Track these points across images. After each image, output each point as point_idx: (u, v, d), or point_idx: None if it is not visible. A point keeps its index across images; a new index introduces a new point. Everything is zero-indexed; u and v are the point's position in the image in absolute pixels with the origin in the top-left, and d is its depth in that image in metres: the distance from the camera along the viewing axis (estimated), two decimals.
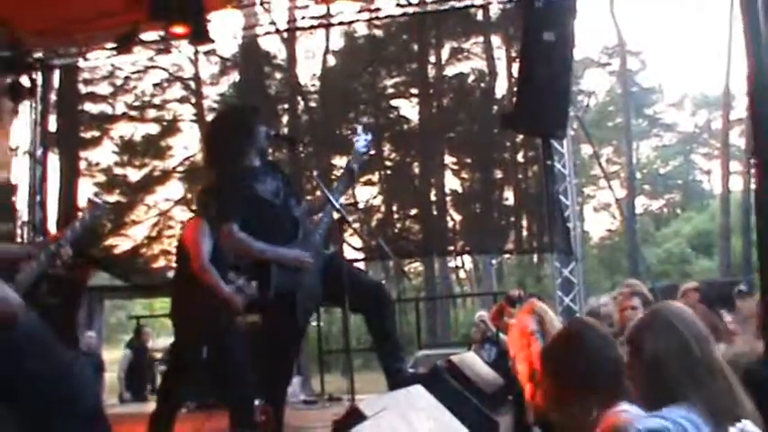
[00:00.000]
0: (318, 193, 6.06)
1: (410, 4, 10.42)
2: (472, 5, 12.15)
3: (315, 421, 7.18)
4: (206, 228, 6.41)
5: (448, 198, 20.78)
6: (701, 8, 67.13)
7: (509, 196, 18.76)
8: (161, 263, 23.71)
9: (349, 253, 19.23)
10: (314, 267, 5.49)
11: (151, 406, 7.48)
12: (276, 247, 5.43)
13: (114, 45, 10.70)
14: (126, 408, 11.86)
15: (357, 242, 19.33)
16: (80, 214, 4.03)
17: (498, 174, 19.03)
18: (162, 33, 10.53)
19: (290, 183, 5.91)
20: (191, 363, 6.83)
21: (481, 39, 21.37)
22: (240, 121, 5.81)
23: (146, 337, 15.33)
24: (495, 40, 20.84)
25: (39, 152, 11.84)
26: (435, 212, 20.51)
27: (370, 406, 3.78)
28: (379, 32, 21.52)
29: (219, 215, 5.64)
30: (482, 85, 21.00)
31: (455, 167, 21.52)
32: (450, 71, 22.11)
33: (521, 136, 15.93)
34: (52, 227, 12.83)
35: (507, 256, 23.41)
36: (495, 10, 18.37)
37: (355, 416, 3.67)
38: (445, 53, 21.99)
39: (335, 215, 5.65)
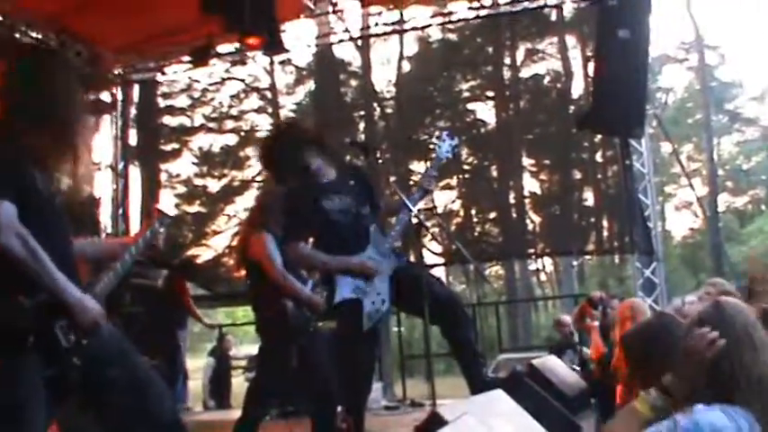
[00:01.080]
0: (396, 197, 6.04)
1: (483, 7, 10.38)
2: (545, 5, 12.07)
3: (396, 427, 7.18)
4: (271, 239, 6.47)
5: (527, 200, 20.60)
6: None
7: (589, 197, 18.55)
8: (243, 271, 23.92)
9: (429, 258, 19.25)
10: (383, 274, 5.49)
11: (234, 413, 7.55)
12: (342, 257, 5.45)
13: (190, 59, 10.83)
14: (210, 415, 11.99)
15: (437, 247, 19.33)
16: (150, 223, 4.08)
17: (577, 174, 18.83)
18: (237, 45, 10.63)
19: (369, 189, 5.92)
20: (276, 370, 6.89)
21: (556, 39, 21.15)
22: (283, 150, 5.83)
23: (228, 345, 15.48)
24: (570, 39, 20.63)
25: (120, 166, 12.07)
26: (514, 215, 20.36)
27: (451, 411, 3.76)
28: (452, 36, 21.48)
29: (287, 235, 5.72)
30: (558, 85, 20.80)
31: (533, 169, 21.34)
32: (525, 72, 21.94)
33: (599, 135, 15.73)
34: None
35: (588, 257, 23.13)
36: (568, 9, 18.19)
37: (436, 421, 3.66)
38: (520, 55, 21.83)
39: (414, 220, 5.64)
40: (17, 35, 9.83)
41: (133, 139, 15.39)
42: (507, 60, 21.68)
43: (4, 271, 3.27)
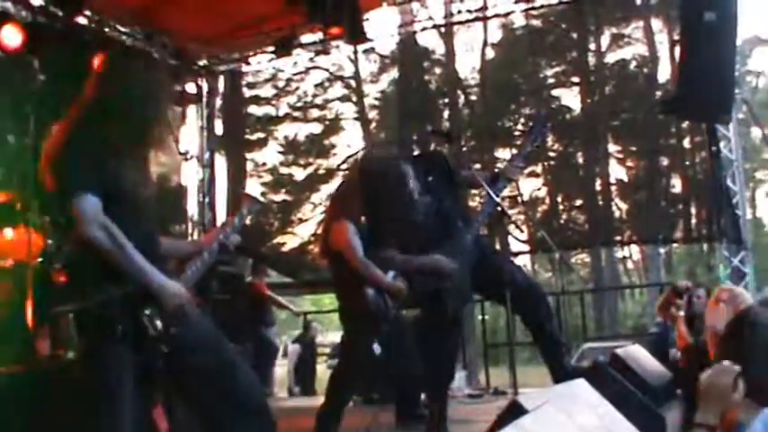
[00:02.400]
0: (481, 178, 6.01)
1: None
2: None
3: (479, 415, 7.16)
4: (352, 227, 6.49)
5: (613, 187, 20.37)
6: None
7: (676, 183, 18.23)
8: (326, 260, 24.06)
9: (514, 246, 19.16)
10: (464, 264, 5.50)
11: (318, 400, 7.62)
12: (417, 258, 5.50)
13: (274, 49, 10.93)
14: (294, 401, 12.12)
15: (522, 235, 19.24)
16: (239, 210, 4.13)
17: (664, 161, 18.50)
18: (321, 35, 10.69)
19: (448, 174, 5.92)
20: (358, 358, 6.93)
21: (641, 23, 20.85)
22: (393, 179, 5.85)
23: (314, 332, 15.61)
24: (656, 23, 20.33)
25: (206, 155, 12.22)
26: (601, 202, 20.15)
27: (531, 400, 3.75)
28: (537, 22, 21.28)
29: (371, 241, 5.76)
30: (644, 70, 20.47)
31: (620, 156, 21.06)
32: (611, 58, 21.69)
33: (687, 121, 15.45)
34: None
35: (676, 245, 22.76)
36: None
37: (516, 410, 3.65)
38: (605, 40, 21.59)
39: (498, 209, 5.63)
40: (106, 30, 10.03)
41: (219, 129, 15.58)
42: (592, 46, 21.45)
43: (93, 262, 3.36)
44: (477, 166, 18.86)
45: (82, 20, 9.64)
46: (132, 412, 3.48)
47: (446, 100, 22.46)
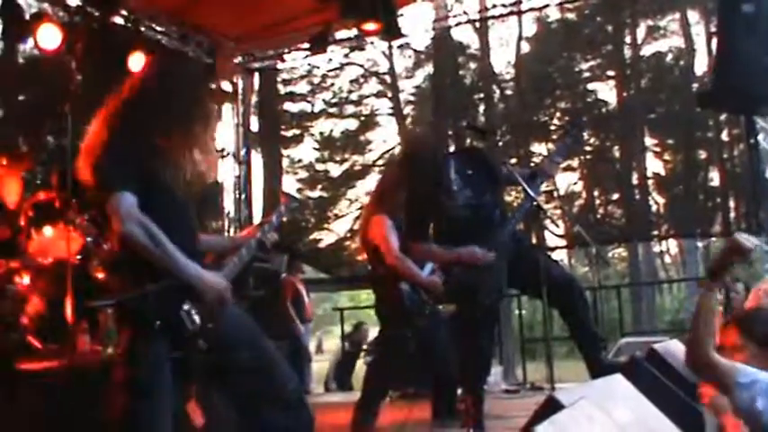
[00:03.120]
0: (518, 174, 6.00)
1: None
2: None
3: (516, 410, 7.15)
4: (389, 222, 6.47)
5: (650, 181, 20.24)
6: None
7: (714, 177, 18.08)
8: (364, 255, 24.13)
9: (550, 240, 19.11)
10: (500, 259, 5.50)
11: (355, 395, 7.63)
12: (454, 249, 5.48)
13: (309, 46, 10.96)
14: (330, 397, 12.16)
15: (559, 229, 19.17)
16: (278, 207, 4.16)
17: (702, 154, 18.38)
18: (355, 31, 10.70)
19: (488, 169, 5.92)
20: (394, 354, 6.93)
21: (678, 15, 20.71)
22: (424, 156, 5.83)
23: (364, 334, 15.63)
24: (693, 15, 20.18)
25: (242, 152, 12.28)
26: (638, 196, 20.03)
27: (568, 395, 3.74)
28: (571, 16, 21.21)
29: (407, 235, 5.75)
30: (681, 62, 20.34)
31: (656, 149, 20.95)
32: (647, 50, 21.55)
33: (724, 113, 15.31)
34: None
35: (714, 239, 22.59)
36: None
37: (552, 405, 3.64)
38: (641, 32, 21.43)
39: (534, 204, 5.61)
40: (142, 29, 10.11)
41: (255, 126, 15.65)
42: (628, 39, 21.31)
43: (130, 258, 3.40)
44: (513, 160, 18.82)
45: (118, 19, 9.71)
46: (170, 407, 3.52)
47: (481, 95, 22.45)
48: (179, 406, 3.58)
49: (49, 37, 8.92)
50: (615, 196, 20.83)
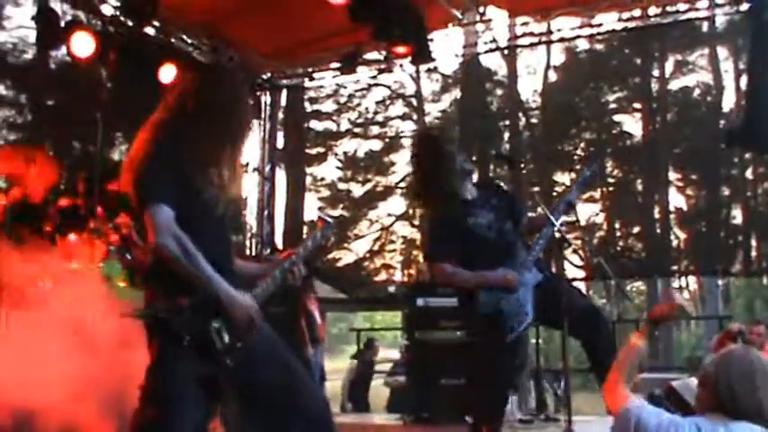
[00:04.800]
0: (540, 210, 5.96)
1: (632, 18, 10.17)
2: (696, 18, 11.73)
3: None
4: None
5: (672, 216, 20.19)
6: None
7: (737, 214, 18.04)
8: (382, 276, 24.20)
9: (570, 272, 19.02)
10: (525, 286, 5.45)
11: (372, 418, 7.61)
12: (482, 272, 5.42)
13: (338, 65, 10.99)
14: (346, 418, 12.13)
15: (578, 260, 19.09)
16: (313, 232, 4.16)
17: (725, 191, 18.32)
18: (384, 52, 10.72)
19: (511, 204, 5.89)
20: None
21: (707, 51, 20.69)
22: (436, 152, 5.78)
23: (375, 351, 15.59)
24: (722, 51, 20.18)
25: (267, 168, 12.29)
26: (659, 230, 19.99)
27: (586, 429, 3.73)
28: (600, 47, 21.22)
29: (429, 253, 5.70)
30: (708, 98, 20.33)
31: (680, 184, 20.89)
32: (674, 85, 21.52)
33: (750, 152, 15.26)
34: (279, 240, 13.32)
35: (734, 277, 22.51)
36: (721, 21, 17.78)
37: None
38: (669, 66, 21.42)
39: (556, 234, 5.57)
40: (173, 40, 10.16)
41: (280, 142, 15.69)
42: (656, 72, 21.29)
43: (165, 272, 3.40)
44: (536, 189, 18.82)
45: (150, 30, 9.77)
46: (194, 423, 3.51)
47: (507, 122, 22.46)
48: (203, 423, 3.57)
49: (82, 45, 8.96)
50: (636, 229, 20.78)
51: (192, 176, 3.49)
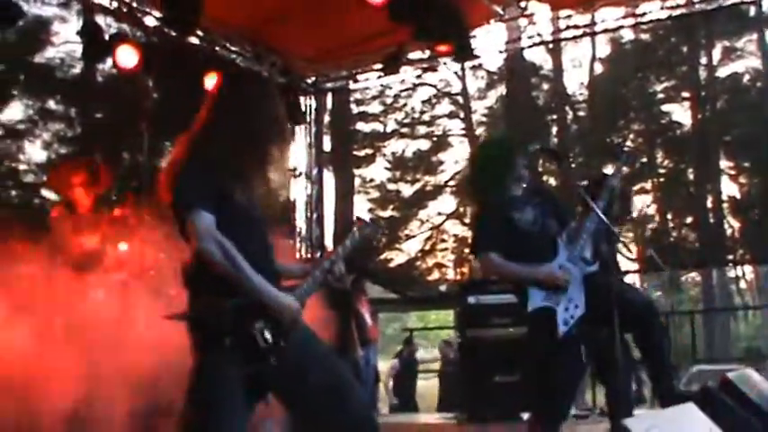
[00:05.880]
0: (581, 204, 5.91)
1: (677, 6, 10.04)
2: (743, 2, 11.55)
3: None
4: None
5: (725, 205, 19.95)
6: None
7: None
8: (434, 276, 24.20)
9: (623, 264, 18.86)
10: (573, 281, 5.41)
11: (419, 417, 7.59)
12: (530, 266, 5.39)
13: (382, 66, 10.99)
14: (394, 417, 12.13)
15: (630, 253, 18.93)
16: (351, 232, 4.17)
17: None
18: (428, 51, 10.71)
19: (555, 204, 5.86)
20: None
21: (755, 36, 20.42)
22: (501, 154, 5.79)
23: (414, 347, 15.62)
24: None
25: (314, 172, 12.33)
26: (712, 220, 19.77)
27: (638, 423, 3.69)
28: (645, 36, 21.03)
29: (476, 245, 5.68)
30: (758, 84, 20.05)
31: (732, 172, 20.63)
32: (722, 72, 21.25)
33: None
34: (329, 242, 13.36)
35: None
36: None
37: None
38: (717, 53, 21.15)
39: (604, 227, 5.53)
40: (217, 49, 10.24)
41: (327, 145, 15.75)
42: (703, 60, 21.05)
43: (207, 275, 3.44)
44: (585, 183, 18.67)
45: (194, 39, 9.85)
46: (236, 426, 3.54)
47: (554, 116, 22.35)
48: (244, 425, 3.59)
49: (127, 57, 9.07)
50: (689, 220, 20.55)
51: (228, 181, 3.53)
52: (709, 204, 19.61)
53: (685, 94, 21.13)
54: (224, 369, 3.40)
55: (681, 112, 21.33)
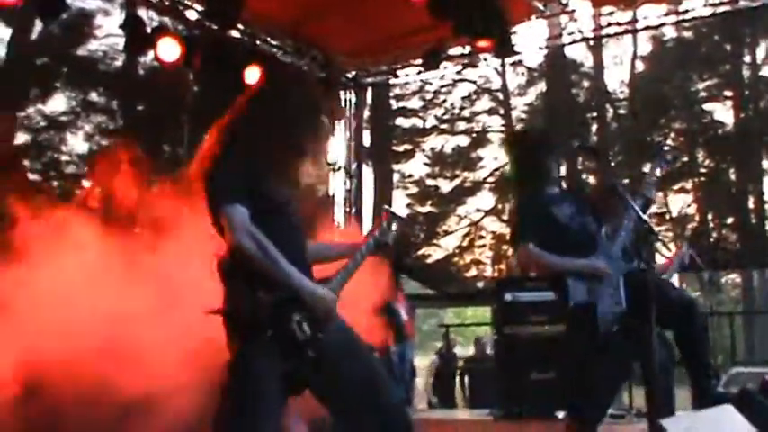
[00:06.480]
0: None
1: (720, 3, 9.94)
2: None
3: None
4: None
5: (767, 206, 19.75)
6: None
7: None
8: (472, 272, 24.17)
9: (659, 259, 18.65)
10: (614, 278, 5.37)
11: (458, 413, 7.59)
12: (570, 259, 5.36)
13: (422, 61, 10.98)
14: (432, 413, 12.13)
15: (670, 253, 18.73)
16: (378, 224, 4.17)
17: None
18: (468, 47, 10.68)
19: (590, 203, 5.84)
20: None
21: None
22: (537, 153, 5.76)
23: (452, 343, 15.62)
24: None
25: (353, 166, 12.35)
26: (754, 220, 19.57)
27: (675, 424, 3.67)
28: (688, 34, 20.85)
29: (517, 234, 5.66)
30: None
31: None
32: (766, 71, 21.03)
33: None
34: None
35: None
36: None
37: None
38: (761, 52, 20.93)
39: (642, 226, 5.49)
40: (257, 43, 10.27)
41: (366, 140, 15.78)
42: (747, 58, 20.83)
43: (242, 269, 3.46)
44: (626, 181, 18.54)
45: (235, 33, 9.89)
46: (273, 419, 3.55)
47: (594, 113, 22.21)
48: (279, 418, 3.61)
49: (168, 50, 9.12)
50: (730, 220, 20.35)
51: (263, 174, 3.54)
52: (750, 205, 19.43)
53: (728, 93, 20.92)
54: (261, 362, 3.42)
55: (723, 111, 21.12)
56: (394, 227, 4.13)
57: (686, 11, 10.12)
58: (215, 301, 3.52)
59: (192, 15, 9.53)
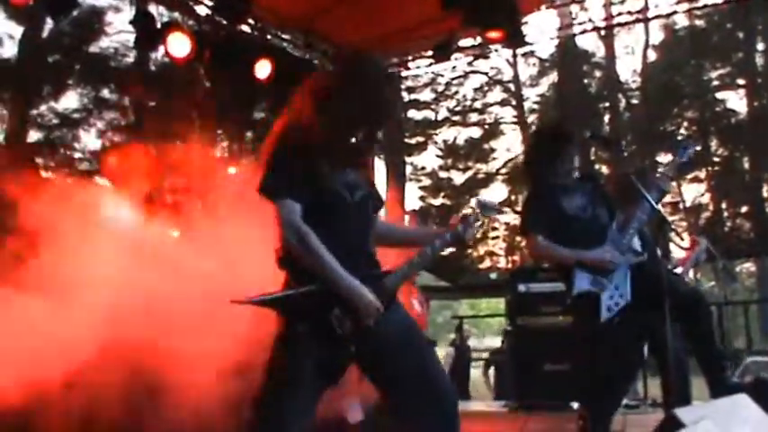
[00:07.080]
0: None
1: None
2: None
3: (635, 427, 6.99)
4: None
5: None
6: None
7: None
8: (486, 264, 24.17)
9: (676, 254, 18.61)
10: (621, 268, 5.36)
11: (473, 405, 7.58)
12: (578, 250, 5.35)
13: (433, 53, 10.94)
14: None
15: (684, 242, 18.69)
16: (465, 218, 4.10)
17: None
18: (479, 39, 10.64)
19: (604, 193, 5.82)
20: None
21: None
22: (553, 143, 5.76)
23: (465, 335, 15.61)
24: None
25: None
26: None
27: (690, 414, 3.66)
28: (700, 23, 20.76)
29: (525, 226, 5.66)
30: None
31: None
32: None
33: None
34: None
35: None
36: None
37: (673, 424, 3.56)
38: None
39: (655, 216, 5.47)
40: (268, 37, 10.26)
41: (378, 133, 15.79)
42: (760, 46, 20.72)
43: (291, 260, 3.49)
44: (635, 171, 18.50)
45: (245, 28, 9.88)
46: (306, 402, 3.58)
47: (606, 103, 22.17)
48: (313, 408, 3.63)
49: (178, 45, 9.09)
50: (744, 209, 20.28)
51: (322, 167, 3.54)
52: (764, 194, 19.33)
53: (740, 82, 20.83)
54: (298, 353, 3.44)
55: (736, 100, 21.06)
56: (477, 223, 4.08)
57: None
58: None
59: (201, 10, 9.52)
